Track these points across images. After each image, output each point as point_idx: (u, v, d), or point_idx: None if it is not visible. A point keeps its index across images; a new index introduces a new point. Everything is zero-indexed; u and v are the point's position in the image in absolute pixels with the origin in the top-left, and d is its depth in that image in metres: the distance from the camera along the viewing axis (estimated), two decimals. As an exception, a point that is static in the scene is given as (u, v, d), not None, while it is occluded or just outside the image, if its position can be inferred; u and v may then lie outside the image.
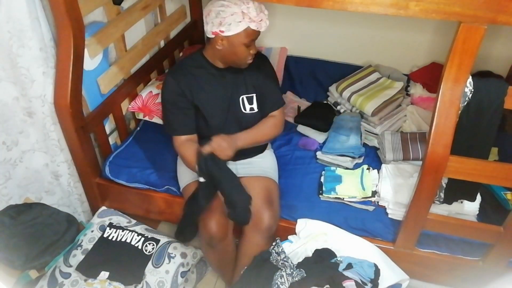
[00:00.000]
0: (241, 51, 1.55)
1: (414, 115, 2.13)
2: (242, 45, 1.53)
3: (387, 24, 2.23)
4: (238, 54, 1.56)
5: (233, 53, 1.56)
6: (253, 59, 1.62)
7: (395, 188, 1.71)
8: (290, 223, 1.74)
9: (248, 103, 1.70)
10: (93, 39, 1.75)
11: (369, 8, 1.25)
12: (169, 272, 1.74)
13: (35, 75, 1.59)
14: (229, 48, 1.54)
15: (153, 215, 1.98)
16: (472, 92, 1.31)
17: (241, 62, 1.60)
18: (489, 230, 1.52)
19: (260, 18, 1.49)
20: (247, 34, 1.50)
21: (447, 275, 1.71)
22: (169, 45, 2.36)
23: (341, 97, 2.19)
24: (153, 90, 2.06)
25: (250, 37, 1.52)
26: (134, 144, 2.05)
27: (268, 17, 1.53)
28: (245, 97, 1.69)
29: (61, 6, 1.45)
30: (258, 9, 1.48)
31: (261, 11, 1.50)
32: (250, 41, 1.54)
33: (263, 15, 1.50)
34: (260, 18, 1.49)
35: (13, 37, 1.50)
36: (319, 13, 2.30)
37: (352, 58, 2.38)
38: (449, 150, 1.33)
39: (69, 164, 1.84)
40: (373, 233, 1.70)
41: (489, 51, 2.14)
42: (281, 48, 2.45)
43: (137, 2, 2.02)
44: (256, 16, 1.47)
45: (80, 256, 1.73)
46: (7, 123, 1.66)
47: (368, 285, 1.43)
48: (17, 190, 1.78)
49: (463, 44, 1.25)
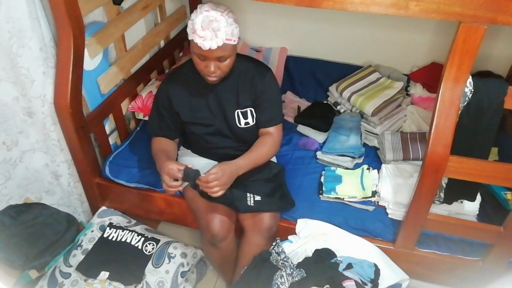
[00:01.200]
0: (196, 61, 1.49)
1: (414, 115, 2.13)
2: (195, 55, 1.48)
3: (387, 24, 2.23)
4: (195, 64, 1.51)
5: (193, 61, 1.51)
6: (216, 78, 1.51)
7: (395, 188, 1.71)
8: (290, 223, 1.74)
9: (243, 118, 1.66)
10: (93, 39, 1.75)
11: (369, 8, 1.25)
12: (169, 272, 1.74)
13: (35, 75, 1.59)
14: (191, 54, 1.51)
15: (153, 215, 1.98)
16: (472, 92, 1.31)
17: (201, 73, 1.53)
18: (489, 230, 1.52)
19: (204, 35, 1.37)
20: (194, 46, 1.43)
21: (447, 275, 1.71)
22: (169, 45, 2.37)
23: (341, 97, 2.19)
24: (153, 90, 2.06)
25: (197, 50, 1.43)
26: (134, 144, 2.05)
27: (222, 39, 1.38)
28: (239, 112, 1.65)
29: (61, 6, 1.45)
30: (205, 25, 1.37)
31: (208, 28, 1.37)
32: (200, 55, 1.45)
33: (209, 33, 1.37)
34: (204, 35, 1.37)
35: (13, 37, 1.50)
36: (319, 13, 2.30)
37: (352, 58, 2.38)
38: (449, 150, 1.33)
39: (69, 164, 1.84)
40: (373, 233, 1.70)
41: (489, 51, 2.14)
42: (281, 48, 2.45)
43: (137, 2, 2.02)
44: (200, 30, 1.37)
45: (80, 256, 1.73)
46: (7, 123, 1.66)
47: (368, 285, 1.43)
48: (17, 190, 1.78)
49: (463, 44, 1.25)
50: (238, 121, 1.66)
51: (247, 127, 1.67)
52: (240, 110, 1.65)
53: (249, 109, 1.66)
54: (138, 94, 2.08)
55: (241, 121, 1.66)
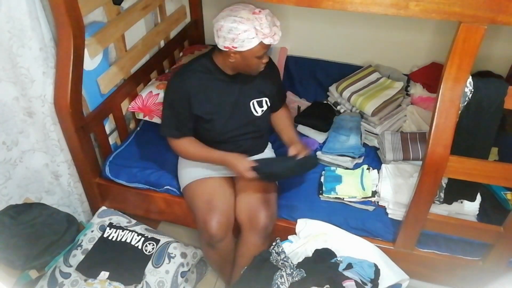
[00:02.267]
0: (254, 63, 1.56)
1: (414, 115, 2.13)
2: (255, 58, 1.53)
3: (387, 24, 2.23)
4: (250, 66, 1.57)
5: (246, 65, 1.57)
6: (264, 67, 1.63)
7: (395, 188, 1.71)
8: (290, 223, 1.74)
9: (259, 106, 1.72)
10: (93, 39, 1.75)
11: (369, 8, 1.25)
12: (169, 272, 1.74)
13: (35, 75, 1.59)
14: (242, 61, 1.55)
15: (153, 215, 1.98)
16: (472, 92, 1.31)
17: (253, 71, 1.61)
18: (489, 230, 1.52)
19: (273, 32, 1.48)
20: (260, 48, 1.50)
21: (447, 275, 1.71)
22: (169, 45, 2.37)
23: (341, 97, 2.19)
24: (153, 90, 2.05)
25: (263, 50, 1.53)
26: (134, 144, 2.05)
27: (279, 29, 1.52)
28: (255, 101, 1.71)
29: (61, 6, 1.45)
30: (271, 24, 1.47)
31: (274, 24, 1.49)
32: (263, 53, 1.54)
33: (276, 28, 1.50)
34: (273, 32, 1.48)
35: (13, 37, 1.50)
36: (319, 13, 2.30)
37: (352, 58, 2.38)
38: (449, 150, 1.33)
39: (69, 164, 1.84)
40: (373, 233, 1.70)
41: (489, 51, 2.14)
42: (281, 48, 2.45)
43: (137, 2, 2.02)
44: (269, 31, 1.47)
45: (80, 256, 1.73)
46: (7, 123, 1.66)
47: (368, 285, 1.43)
48: (17, 190, 1.78)
49: (463, 44, 1.25)
50: (255, 110, 1.72)
51: (263, 114, 1.74)
52: (256, 99, 1.72)
53: (265, 99, 1.74)
54: (138, 94, 2.08)
55: (257, 109, 1.72)
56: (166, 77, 2.14)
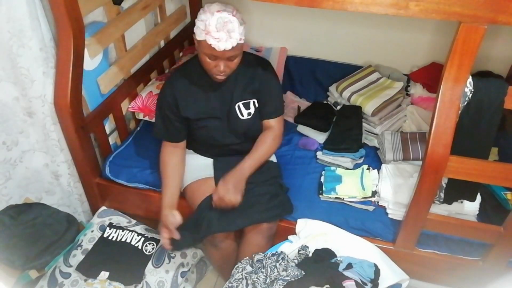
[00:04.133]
0: (204, 61, 1.49)
1: (414, 115, 2.13)
2: (204, 55, 1.48)
3: (387, 24, 2.23)
4: (203, 63, 1.51)
5: (201, 59, 1.52)
6: (224, 76, 1.53)
7: (395, 188, 1.71)
8: (290, 223, 1.74)
9: (245, 109, 1.67)
10: (93, 39, 1.75)
11: (369, 8, 1.25)
12: (169, 272, 1.74)
13: (35, 75, 1.59)
14: (198, 53, 1.52)
15: (153, 215, 1.98)
16: (472, 92, 1.31)
17: (209, 72, 1.54)
18: (489, 230, 1.52)
19: (219, 36, 1.37)
20: (206, 46, 1.42)
21: (447, 275, 1.71)
22: (169, 45, 2.37)
23: (341, 97, 2.19)
24: (153, 90, 2.06)
25: (209, 51, 1.43)
26: (134, 144, 2.05)
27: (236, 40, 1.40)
28: (241, 103, 1.66)
29: (61, 6, 1.45)
30: (220, 26, 1.37)
31: (223, 29, 1.37)
32: (211, 55, 1.45)
33: (223, 34, 1.37)
34: (219, 36, 1.37)
35: (13, 37, 1.50)
36: (319, 13, 2.30)
37: (352, 58, 2.38)
38: (449, 150, 1.33)
39: (69, 164, 1.84)
40: (373, 233, 1.70)
41: (489, 51, 2.14)
42: (281, 48, 2.45)
43: (137, 2, 2.02)
44: (214, 31, 1.37)
45: (80, 256, 1.73)
46: (7, 123, 1.66)
47: (368, 285, 1.43)
48: (17, 190, 1.78)
49: (463, 44, 1.25)
50: (240, 113, 1.66)
51: (249, 118, 1.67)
52: (241, 102, 1.66)
53: (252, 100, 1.67)
54: (138, 94, 2.08)
55: (243, 112, 1.67)
56: (166, 77, 2.14)
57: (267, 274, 1.44)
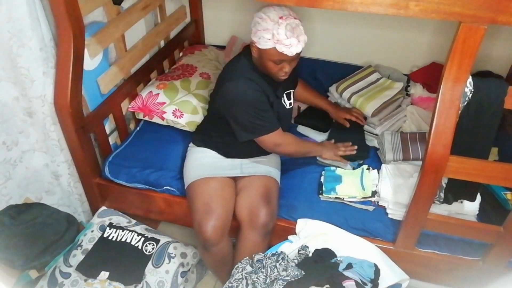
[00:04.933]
0: (270, 66, 1.53)
1: (414, 115, 2.13)
2: (270, 61, 1.51)
3: (387, 24, 2.23)
4: (267, 68, 1.54)
5: (263, 65, 1.55)
6: (287, 76, 1.57)
7: (395, 188, 1.71)
8: (290, 223, 1.74)
9: (287, 99, 1.75)
10: (93, 39, 1.75)
11: (369, 8, 1.25)
12: (169, 272, 1.74)
13: (35, 75, 1.59)
14: (260, 60, 1.55)
15: (153, 215, 1.98)
16: (472, 92, 1.31)
17: (271, 74, 1.58)
18: (489, 230, 1.52)
19: (290, 42, 1.41)
20: (274, 54, 1.46)
21: (447, 275, 1.71)
22: (169, 45, 2.37)
23: (341, 98, 2.19)
24: (153, 90, 2.06)
25: (278, 57, 1.47)
26: (134, 144, 2.05)
27: (304, 41, 1.45)
28: (285, 94, 1.74)
29: (61, 6, 1.45)
30: (289, 33, 1.41)
31: (294, 35, 1.41)
32: (279, 60, 1.49)
33: (294, 40, 1.41)
34: (290, 42, 1.41)
35: (13, 37, 1.50)
36: (319, 13, 2.30)
37: (352, 58, 2.38)
38: (449, 150, 1.33)
39: (69, 164, 1.85)
40: (373, 233, 1.70)
41: (489, 51, 2.14)
42: (281, 48, 2.45)
43: (137, 2, 2.02)
44: (285, 39, 1.41)
45: (80, 256, 1.73)
46: (7, 123, 1.66)
47: (368, 285, 1.43)
48: (17, 190, 1.78)
49: (463, 44, 1.25)
50: (285, 103, 1.74)
51: (291, 107, 1.80)
52: (285, 92, 1.74)
53: (292, 90, 1.79)
54: (138, 94, 2.08)
55: (286, 102, 1.74)
56: (166, 77, 2.14)
57: (267, 274, 1.44)
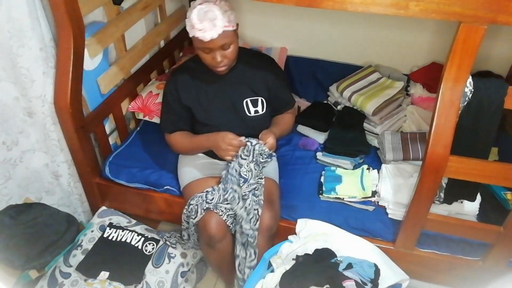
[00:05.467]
0: (202, 56, 1.51)
1: (414, 115, 2.13)
2: (200, 51, 1.49)
3: (387, 24, 2.23)
4: (202, 60, 1.53)
5: (200, 57, 1.53)
6: (224, 67, 1.53)
7: (395, 188, 1.71)
8: (290, 223, 1.74)
9: (253, 106, 1.69)
10: (93, 39, 1.75)
11: (369, 8, 1.25)
12: (169, 272, 1.74)
13: (35, 75, 1.59)
14: (197, 52, 1.53)
15: (153, 215, 1.98)
16: (472, 92, 1.31)
17: (210, 67, 1.55)
18: (489, 230, 1.52)
19: (203, 27, 1.37)
20: (196, 41, 1.45)
21: (447, 275, 1.71)
22: (169, 45, 2.37)
23: (342, 97, 2.19)
24: (153, 90, 2.06)
25: (201, 44, 1.44)
26: (134, 144, 2.05)
27: (221, 27, 1.38)
28: (249, 100, 1.68)
29: (61, 6, 1.45)
30: (201, 17, 1.37)
31: (205, 19, 1.37)
32: (204, 48, 1.46)
33: (207, 24, 1.37)
34: (203, 27, 1.37)
35: (13, 37, 1.50)
36: (319, 13, 2.30)
37: (352, 58, 2.38)
38: (449, 150, 1.33)
39: (69, 164, 1.84)
40: (373, 233, 1.70)
41: (489, 51, 2.14)
42: (281, 48, 2.45)
43: (137, 2, 2.02)
44: (198, 24, 1.38)
45: (80, 256, 1.73)
46: (7, 123, 1.66)
47: (368, 285, 1.43)
48: (17, 190, 1.78)
49: (463, 44, 1.25)
50: (248, 110, 1.68)
51: (257, 115, 1.69)
52: (249, 98, 1.68)
53: (260, 98, 1.69)
54: (138, 94, 2.08)
55: (251, 109, 1.68)
56: (166, 77, 2.14)
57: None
